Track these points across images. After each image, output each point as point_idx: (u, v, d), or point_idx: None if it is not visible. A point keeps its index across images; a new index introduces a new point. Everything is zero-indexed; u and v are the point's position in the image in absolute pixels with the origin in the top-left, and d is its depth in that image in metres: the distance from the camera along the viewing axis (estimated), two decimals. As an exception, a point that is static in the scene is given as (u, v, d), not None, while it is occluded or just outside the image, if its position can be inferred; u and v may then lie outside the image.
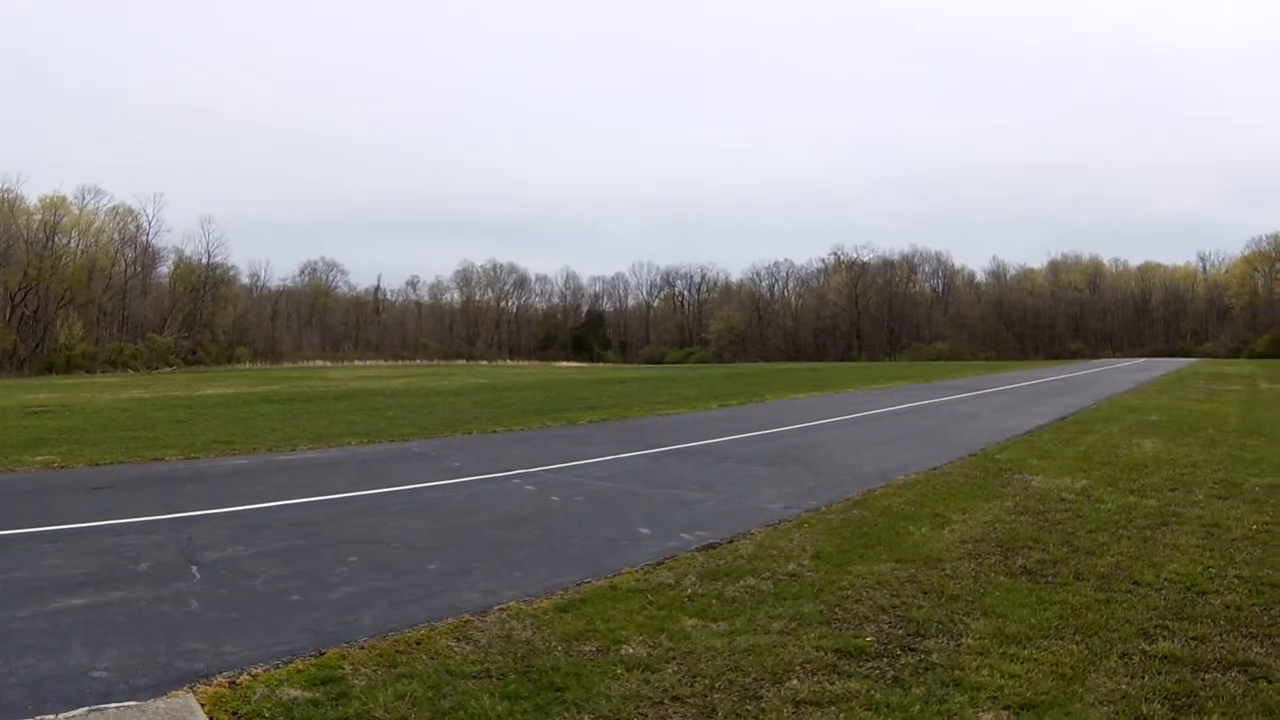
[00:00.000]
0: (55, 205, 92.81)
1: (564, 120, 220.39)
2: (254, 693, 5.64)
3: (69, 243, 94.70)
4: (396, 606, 7.49)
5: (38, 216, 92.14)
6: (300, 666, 6.07)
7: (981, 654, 6.31)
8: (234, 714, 5.39)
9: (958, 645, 6.52)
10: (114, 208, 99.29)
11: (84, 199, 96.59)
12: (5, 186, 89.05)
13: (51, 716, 5.42)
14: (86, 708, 5.54)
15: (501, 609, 7.36)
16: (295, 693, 5.63)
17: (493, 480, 13.80)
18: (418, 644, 6.50)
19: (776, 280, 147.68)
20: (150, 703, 5.61)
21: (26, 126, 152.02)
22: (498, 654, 6.31)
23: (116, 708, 5.56)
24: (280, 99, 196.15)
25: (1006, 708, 5.43)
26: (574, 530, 10.51)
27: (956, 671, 5.98)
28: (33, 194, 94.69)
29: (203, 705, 5.53)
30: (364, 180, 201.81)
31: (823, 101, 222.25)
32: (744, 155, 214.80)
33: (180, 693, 5.75)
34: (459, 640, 6.60)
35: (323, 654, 6.32)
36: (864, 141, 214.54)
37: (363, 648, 6.45)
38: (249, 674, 5.98)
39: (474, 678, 5.88)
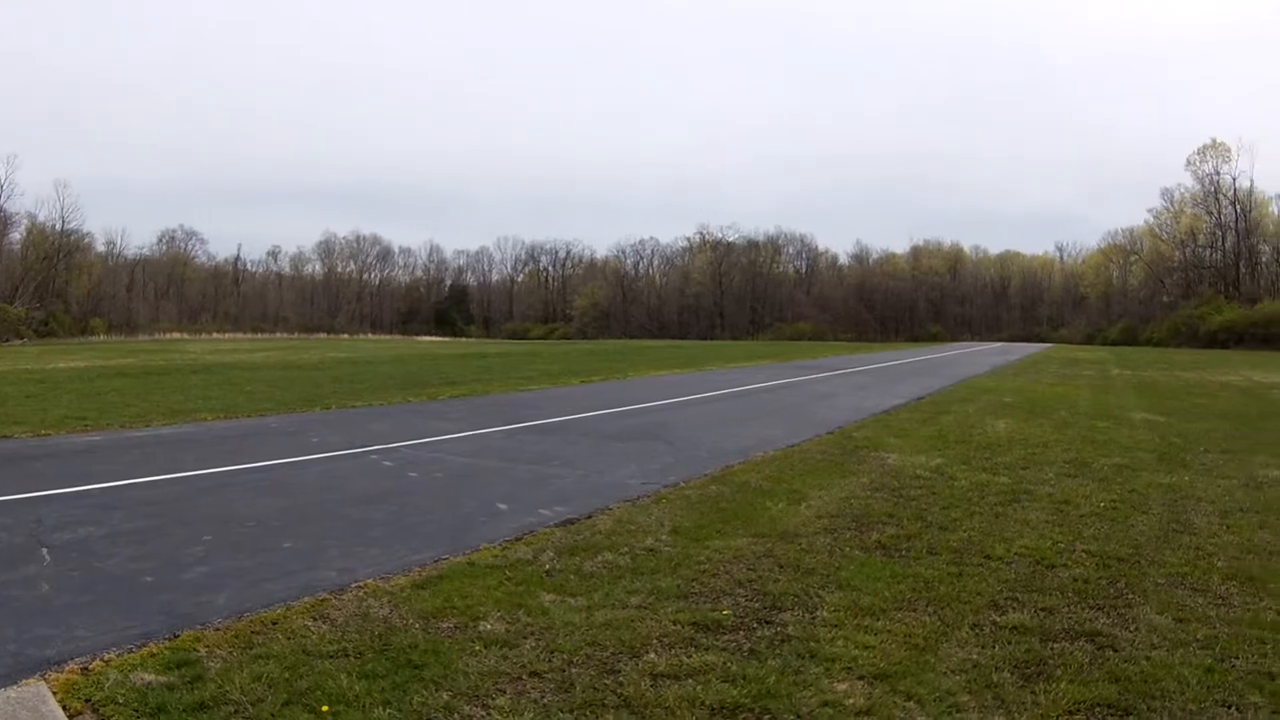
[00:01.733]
0: None
1: (430, 91, 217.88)
2: (107, 679, 5.49)
3: None
4: (252, 586, 7.35)
5: None
6: (154, 650, 5.91)
7: (836, 626, 6.47)
8: (87, 701, 5.25)
9: (813, 618, 6.67)
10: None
11: None
12: None
13: (-108, 712, 5.22)
14: (-67, 702, 5.36)
15: (359, 587, 7.29)
16: (149, 677, 5.50)
17: (351, 456, 13.62)
18: (274, 624, 6.40)
19: (642, 258, 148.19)
20: (1, 692, 5.45)
21: None
22: (355, 633, 6.25)
23: (-36, 697, 5.39)
24: (140, 60, 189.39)
25: (861, 678, 5.58)
26: (432, 506, 10.44)
27: (812, 643, 6.12)
28: None
29: (55, 693, 5.37)
30: (226, 146, 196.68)
31: (692, 83, 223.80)
32: (612, 133, 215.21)
33: (31, 681, 5.57)
34: (316, 619, 6.52)
35: (177, 636, 6.17)
36: (733, 124, 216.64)
37: (218, 629, 6.32)
38: (102, 659, 5.81)
39: (331, 657, 5.81)
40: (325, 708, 5.09)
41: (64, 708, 5.20)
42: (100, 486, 11.08)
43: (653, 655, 5.92)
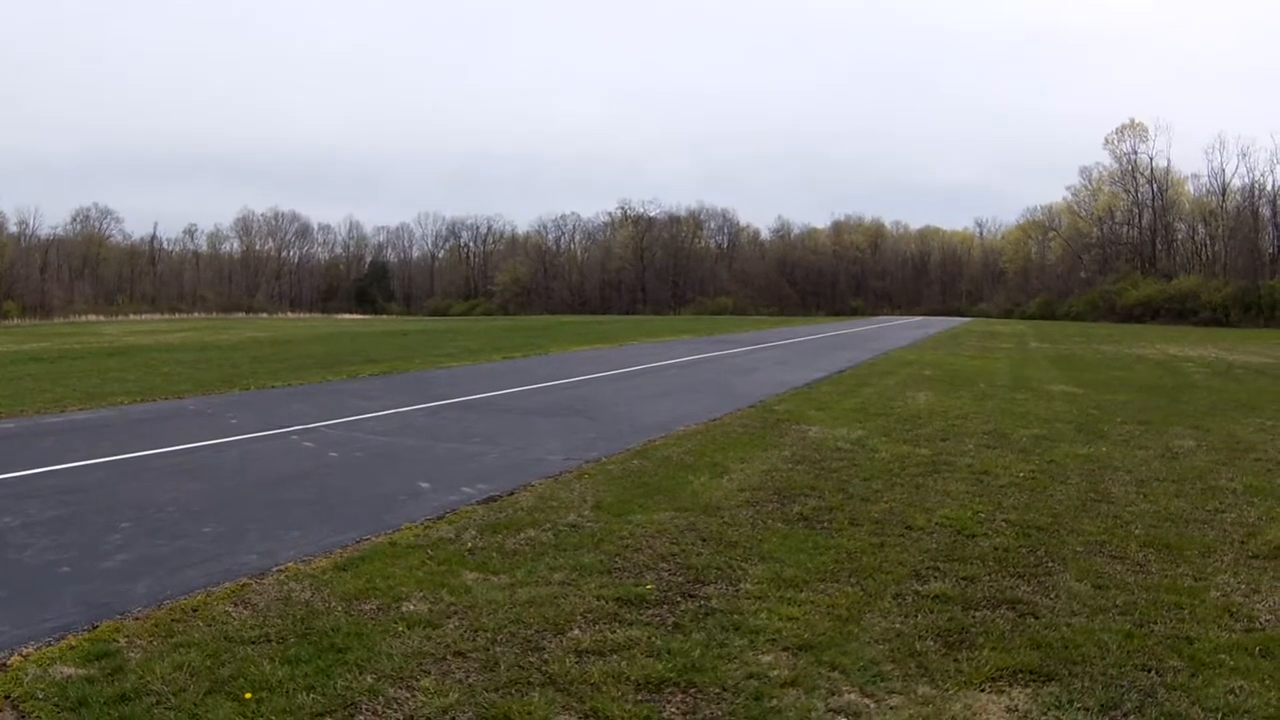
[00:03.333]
0: None
1: (349, 65, 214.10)
2: (26, 674, 5.35)
3: None
4: (171, 573, 7.21)
5: None
6: (73, 642, 5.78)
7: (760, 598, 6.52)
8: (6, 697, 5.12)
9: (736, 590, 6.72)
10: None
11: None
12: None
13: None
14: None
15: (279, 571, 7.19)
16: (69, 670, 5.37)
17: (270, 437, 13.43)
18: (194, 611, 6.28)
19: (563, 233, 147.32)
20: (-86, 690, 5.31)
21: None
22: (277, 617, 6.17)
23: (-126, 697, 5.24)
24: (44, 30, 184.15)
25: (785, 649, 5.63)
26: (353, 487, 10.35)
27: (736, 616, 6.17)
28: None
29: (-30, 689, 5.27)
30: (140, 122, 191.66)
31: (609, 58, 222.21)
32: (531, 107, 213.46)
33: (-53, 679, 5.45)
34: (237, 605, 6.42)
35: (96, 628, 6.03)
36: (652, 99, 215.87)
37: (137, 618, 6.19)
38: (19, 654, 5.66)
39: (253, 643, 5.73)
40: (248, 695, 5.02)
41: (-19, 704, 5.09)
42: (14, 475, 10.79)
43: (577, 632, 5.92)
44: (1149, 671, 5.37)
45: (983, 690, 5.17)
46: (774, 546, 7.82)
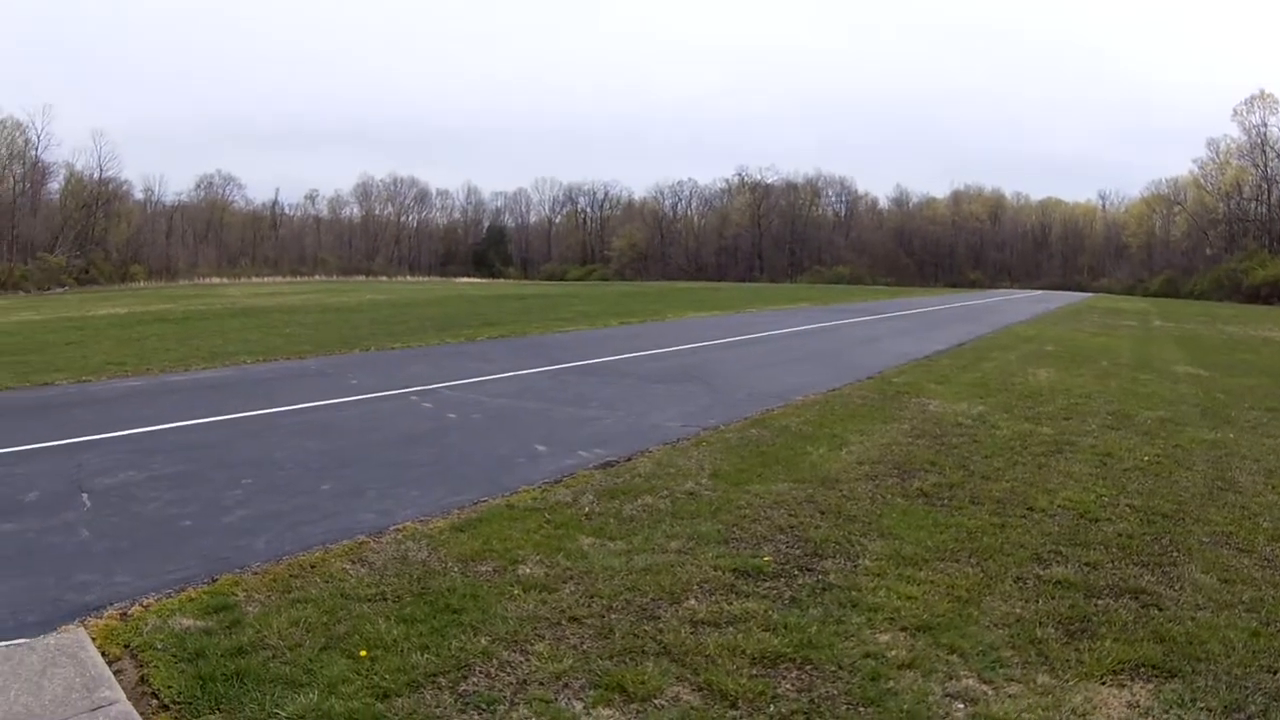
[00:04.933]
0: None
1: (466, 29, 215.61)
2: (146, 624, 5.50)
3: None
4: (291, 529, 7.36)
5: None
6: (193, 595, 5.93)
7: (878, 575, 6.40)
8: (126, 647, 5.26)
9: (855, 566, 6.60)
10: (0, 121, 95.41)
11: None
12: None
13: (-66, 659, 5.25)
14: (-29, 648, 5.38)
15: (397, 530, 7.28)
16: (188, 622, 5.50)
17: (390, 398, 13.64)
18: (312, 568, 6.39)
19: (680, 199, 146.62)
20: (40, 639, 5.45)
21: None
22: (393, 576, 6.23)
23: (5, 646, 5.39)
24: (172, 5, 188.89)
25: (903, 629, 5.51)
26: (471, 448, 10.44)
27: (854, 592, 6.06)
28: None
29: (94, 639, 5.39)
30: (261, 91, 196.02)
31: (728, 23, 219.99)
32: (649, 72, 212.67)
33: (71, 627, 5.59)
34: (354, 563, 6.51)
35: (215, 581, 6.17)
36: (771, 65, 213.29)
37: (256, 573, 6.32)
38: (141, 605, 5.83)
39: (369, 601, 5.80)
40: (363, 652, 5.08)
41: (103, 654, 5.21)
42: (140, 431, 11.13)
43: (693, 602, 5.87)
44: (1275, 674, 5.11)
45: (1103, 683, 4.98)
46: (893, 522, 7.67)
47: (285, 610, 5.64)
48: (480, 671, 4.93)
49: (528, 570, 6.39)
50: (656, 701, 4.67)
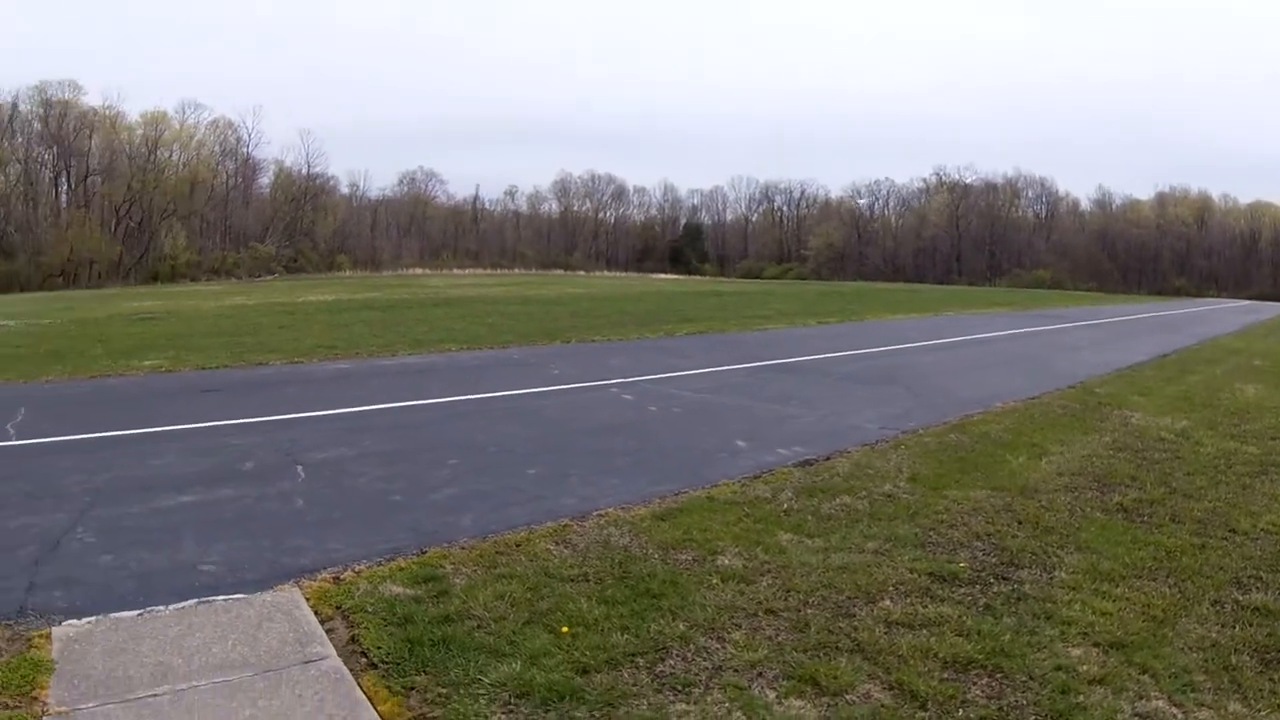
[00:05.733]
0: (156, 120, 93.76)
1: (659, 28, 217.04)
2: (357, 588, 5.81)
3: (171, 156, 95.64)
4: (496, 509, 7.64)
5: (139, 132, 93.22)
6: (402, 565, 6.24)
7: (1074, 589, 6.24)
8: (338, 608, 5.56)
9: (1050, 578, 6.45)
10: (214, 121, 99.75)
11: (184, 113, 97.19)
12: (106, 103, 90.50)
13: (162, 608, 5.64)
14: (195, 600, 5.77)
15: (600, 515, 7.46)
16: (398, 589, 5.79)
17: (591, 389, 13.92)
18: (517, 546, 6.63)
19: (877, 198, 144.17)
20: (257, 596, 5.81)
21: (124, 44, 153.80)
22: (595, 559, 6.40)
23: (224, 600, 5.77)
24: (373, 7, 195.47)
25: (1096, 645, 5.37)
26: (671, 440, 10.57)
27: (1048, 604, 5.92)
28: (134, 110, 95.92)
29: (308, 599, 5.71)
30: (461, 89, 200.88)
31: (927, 13, 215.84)
32: (843, 69, 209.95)
33: (286, 587, 5.94)
34: (557, 544, 6.72)
35: (424, 553, 6.48)
36: (968, 62, 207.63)
37: (463, 548, 6.59)
38: (353, 570, 6.17)
39: (572, 581, 5.99)
40: (565, 629, 5.25)
41: (316, 613, 5.53)
42: (350, 411, 11.66)
43: (888, 602, 5.85)
44: None
45: (1295, 719, 4.74)
46: (1091, 536, 7.44)
47: (491, 584, 5.87)
48: (677, 655, 5.03)
49: (726, 561, 6.47)
50: (848, 697, 4.68)
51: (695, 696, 4.62)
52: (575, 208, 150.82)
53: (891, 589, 6.08)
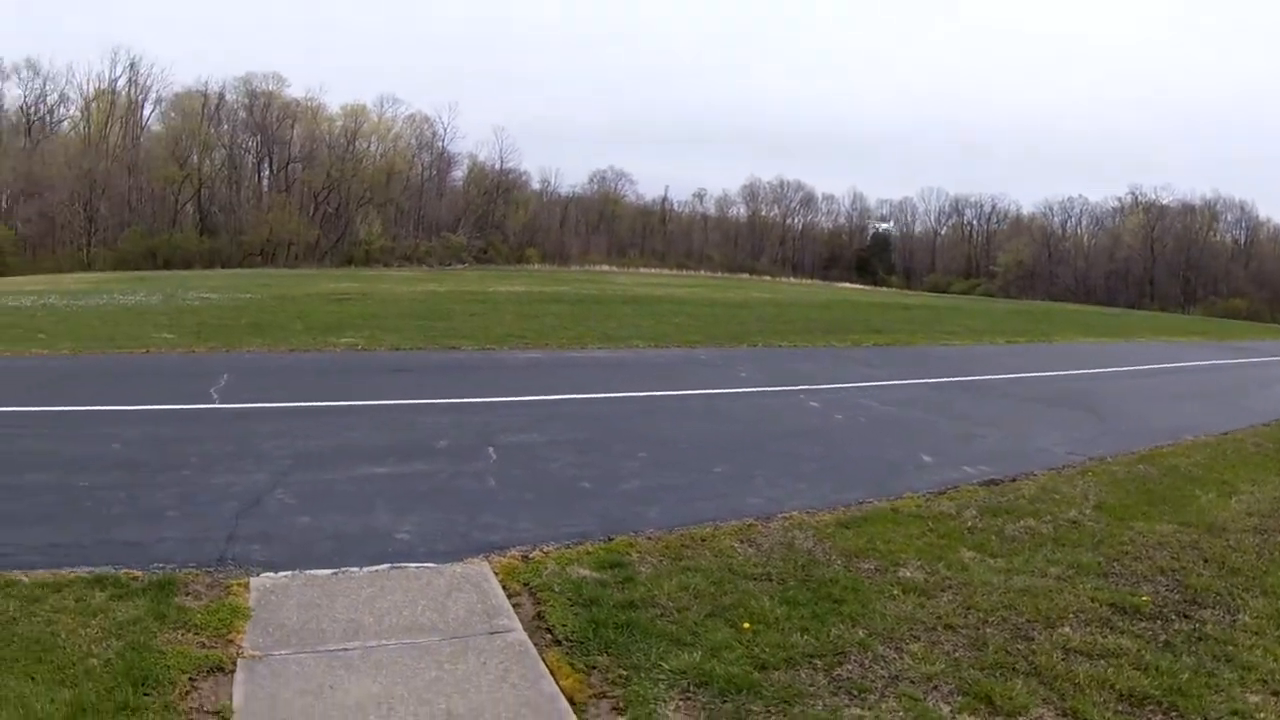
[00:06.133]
0: (356, 113, 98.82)
1: (850, 36, 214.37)
2: (545, 568, 6.03)
3: (368, 147, 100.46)
4: (683, 503, 7.80)
5: (339, 123, 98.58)
6: (590, 549, 6.44)
7: (1257, 634, 6.01)
8: (525, 585, 5.77)
9: (1234, 620, 6.24)
10: (411, 115, 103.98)
11: (382, 107, 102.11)
12: (308, 96, 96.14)
13: (356, 569, 5.97)
14: (389, 564, 6.08)
15: (784, 517, 7.52)
16: (584, 572, 6.00)
17: (778, 393, 13.96)
18: (702, 541, 6.76)
19: (1069, 216, 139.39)
20: (448, 566, 6.07)
21: (325, 39, 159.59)
22: (779, 560, 6.48)
23: (416, 567, 6.05)
24: (566, 8, 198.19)
25: (1275, 693, 5.19)
26: (857, 449, 10.57)
27: (1229, 647, 5.72)
28: (334, 102, 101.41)
29: (496, 574, 5.94)
30: (651, 92, 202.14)
31: (1124, 34, 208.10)
32: (1038, 82, 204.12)
33: (476, 560, 6.19)
34: (742, 542, 6.82)
35: (611, 540, 6.67)
36: (1165, 79, 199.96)
37: (649, 538, 6.76)
38: (541, 550, 6.40)
39: (754, 579, 6.07)
40: (746, 625, 5.34)
41: (503, 588, 5.75)
42: (540, 398, 12.00)
43: (1067, 629, 5.75)
44: None
45: None
46: (1279, 580, 7.17)
47: (675, 575, 6.01)
48: (855, 660, 5.07)
49: (908, 573, 6.46)
50: (1020, 719, 4.65)
51: (870, 703, 4.65)
52: (763, 212, 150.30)
53: (1071, 616, 5.98)
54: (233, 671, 4.68)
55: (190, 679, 4.60)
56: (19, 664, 4.64)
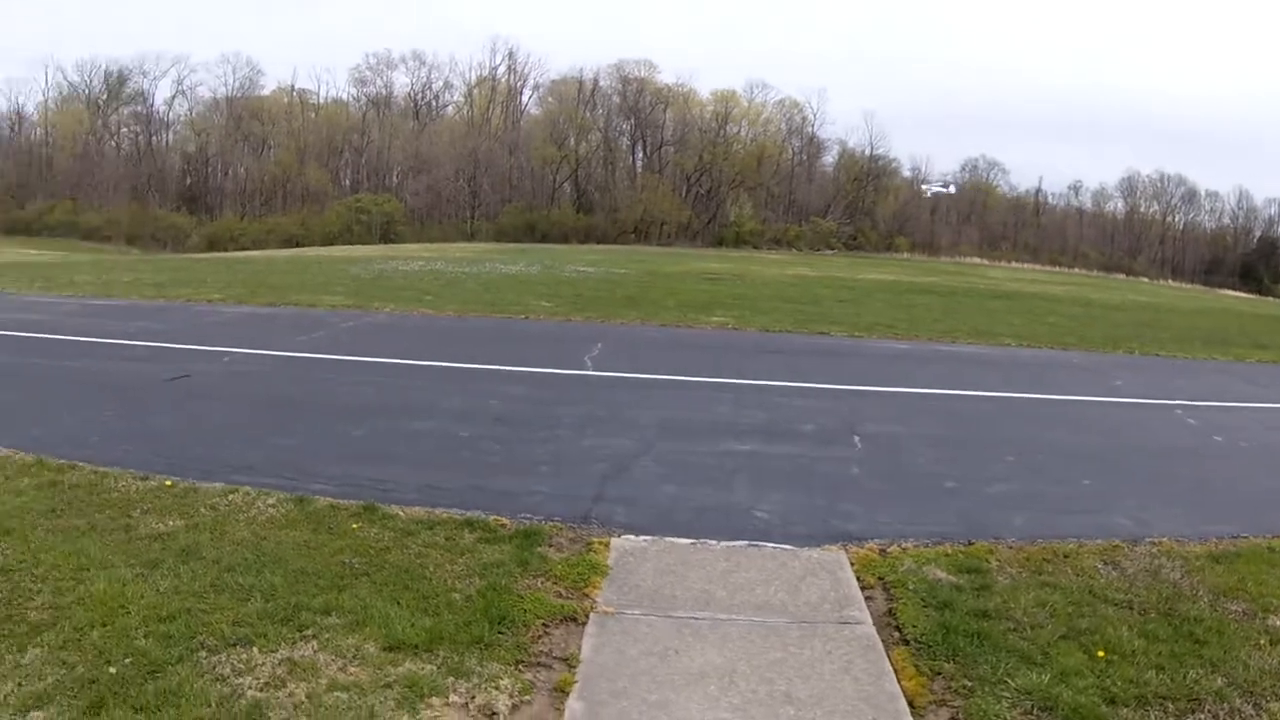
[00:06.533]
0: (726, 98, 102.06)
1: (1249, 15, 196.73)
2: (901, 564, 6.01)
3: (739, 131, 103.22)
4: (1048, 515, 7.52)
5: (709, 108, 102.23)
6: (948, 551, 6.35)
7: None
8: (879, 580, 5.78)
9: None
10: (780, 101, 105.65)
11: (752, 92, 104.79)
12: (679, 81, 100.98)
13: (713, 542, 6.19)
14: (746, 541, 6.26)
15: (1152, 543, 7.06)
16: (940, 574, 5.92)
17: (1152, 406, 13.17)
18: (1065, 557, 6.48)
19: None
20: (804, 550, 6.18)
21: (696, 23, 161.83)
22: (1142, 588, 6.10)
23: (773, 547, 6.19)
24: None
25: None
26: (1235, 476, 9.76)
27: None
28: (704, 88, 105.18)
29: (852, 564, 5.99)
30: (1023, 81, 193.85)
31: None
32: None
33: (833, 548, 6.26)
34: (1105, 564, 6.48)
35: (971, 544, 6.53)
36: None
37: (1010, 547, 6.57)
38: (899, 546, 6.39)
39: (1115, 605, 5.76)
40: (1100, 652, 5.08)
41: (857, 579, 5.80)
42: (908, 390, 11.95)
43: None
44: None
45: None
46: None
47: (1033, 590, 5.82)
48: (1209, 710, 4.69)
49: (1278, 622, 5.92)
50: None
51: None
52: (1142, 209, 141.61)
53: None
54: (584, 624, 5.03)
55: (544, 624, 5.00)
56: (387, 589, 5.17)
